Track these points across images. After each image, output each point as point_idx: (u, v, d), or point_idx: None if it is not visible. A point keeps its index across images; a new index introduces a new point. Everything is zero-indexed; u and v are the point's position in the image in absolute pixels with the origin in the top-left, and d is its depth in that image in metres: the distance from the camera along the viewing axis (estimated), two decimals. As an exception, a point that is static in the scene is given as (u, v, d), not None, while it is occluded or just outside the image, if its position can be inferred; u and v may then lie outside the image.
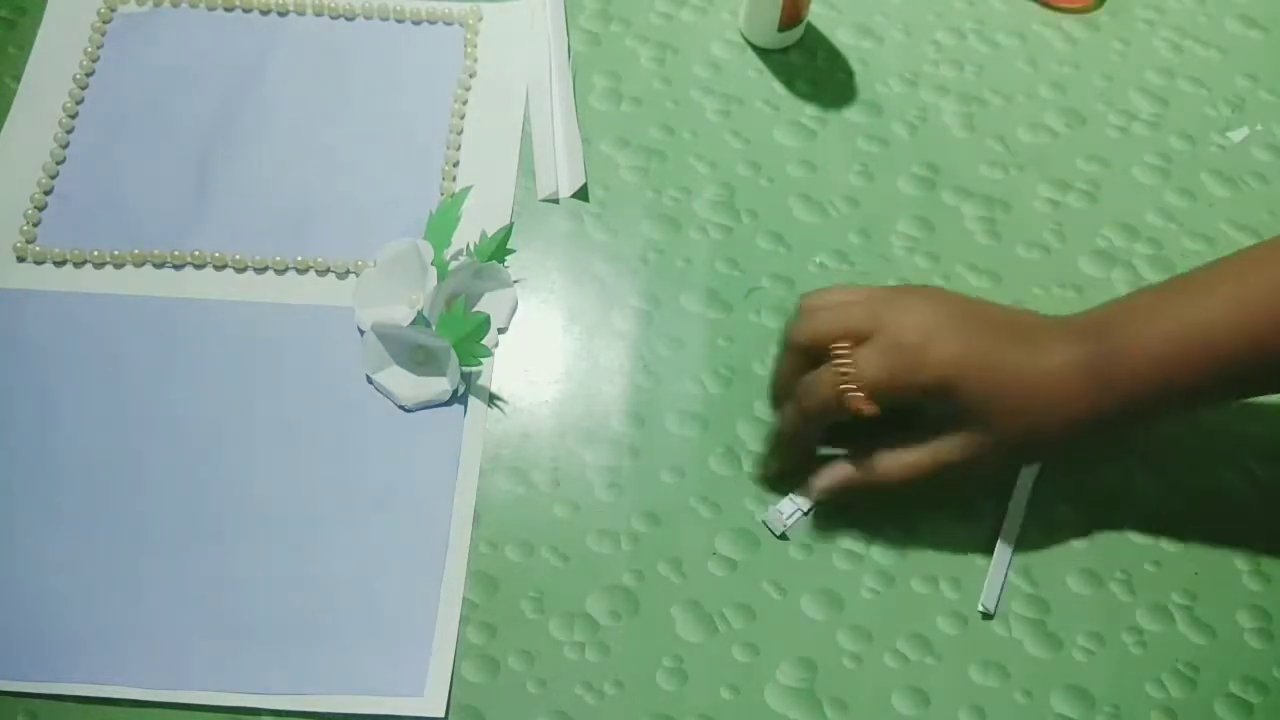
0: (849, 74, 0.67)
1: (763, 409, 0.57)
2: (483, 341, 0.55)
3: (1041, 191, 0.63)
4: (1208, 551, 0.54)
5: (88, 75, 0.64)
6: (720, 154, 0.64)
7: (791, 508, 0.54)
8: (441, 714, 0.50)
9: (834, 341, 0.50)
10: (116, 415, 0.55)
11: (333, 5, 0.67)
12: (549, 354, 0.58)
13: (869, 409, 0.49)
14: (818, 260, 0.61)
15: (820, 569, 0.54)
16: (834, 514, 0.55)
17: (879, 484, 0.52)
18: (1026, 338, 0.50)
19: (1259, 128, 0.66)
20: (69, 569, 0.52)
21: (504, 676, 0.51)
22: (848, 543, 0.54)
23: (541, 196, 0.62)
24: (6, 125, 0.63)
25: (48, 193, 0.61)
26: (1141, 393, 0.49)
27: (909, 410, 0.51)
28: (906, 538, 0.54)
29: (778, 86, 0.66)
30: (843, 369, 0.50)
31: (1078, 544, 0.54)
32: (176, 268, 0.59)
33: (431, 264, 0.56)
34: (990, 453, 0.51)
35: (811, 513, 0.54)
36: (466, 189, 0.59)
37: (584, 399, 0.57)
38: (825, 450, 0.54)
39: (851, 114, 0.65)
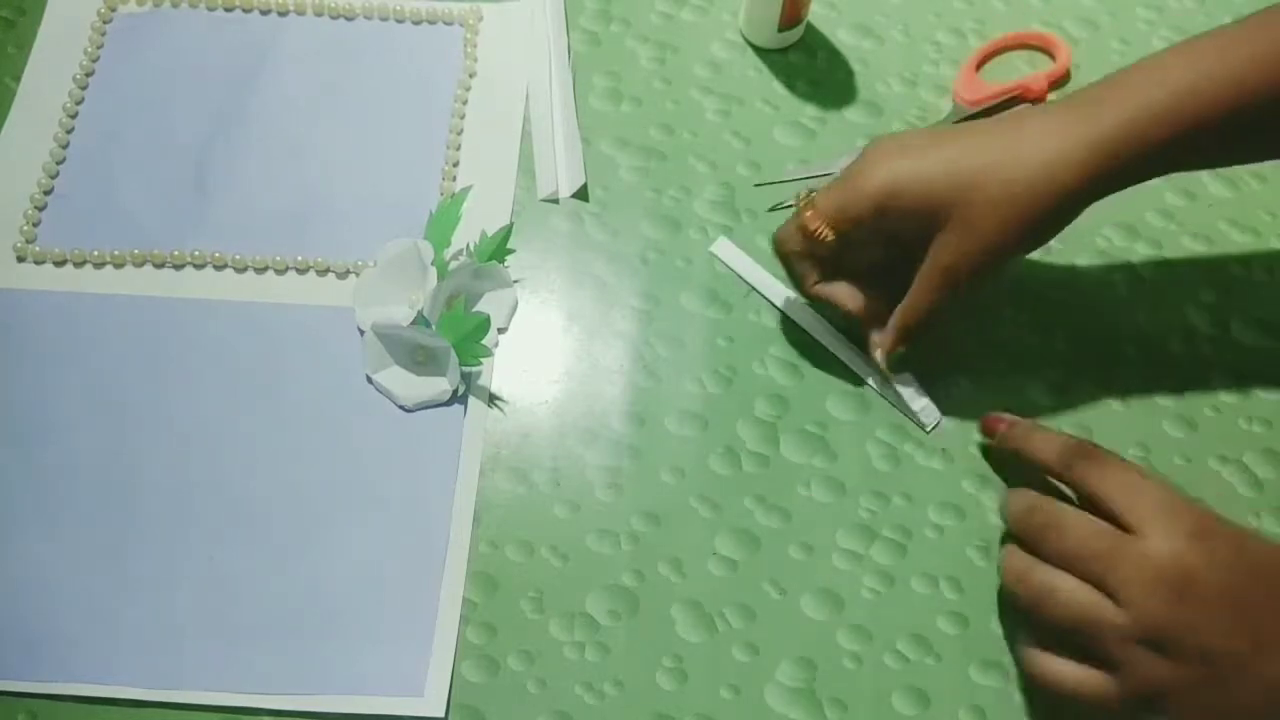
0: (849, 74, 0.67)
1: (763, 408, 0.57)
2: (483, 341, 0.55)
3: (1041, 191, 0.63)
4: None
5: (88, 75, 0.64)
6: (720, 154, 0.64)
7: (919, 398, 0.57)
8: (441, 714, 0.50)
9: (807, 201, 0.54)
10: (116, 415, 0.55)
11: (333, 5, 0.67)
12: (549, 354, 0.58)
13: (823, 231, 0.53)
14: (818, 260, 0.61)
15: (820, 569, 0.54)
16: (834, 514, 0.55)
17: (912, 318, 0.54)
18: (996, 128, 0.52)
19: (1259, 128, 0.66)
20: (68, 569, 0.52)
21: (504, 676, 0.51)
22: (848, 543, 0.54)
23: (541, 196, 0.62)
24: (6, 125, 0.63)
25: (48, 193, 0.61)
26: (1134, 135, 0.49)
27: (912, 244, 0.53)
28: (906, 538, 0.54)
29: (778, 86, 0.66)
30: (803, 207, 0.54)
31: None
32: (176, 268, 0.59)
33: (431, 264, 0.56)
34: (981, 246, 0.51)
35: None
36: (466, 189, 0.59)
37: (584, 399, 0.57)
38: None
39: (851, 114, 0.65)
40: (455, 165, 0.63)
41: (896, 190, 0.51)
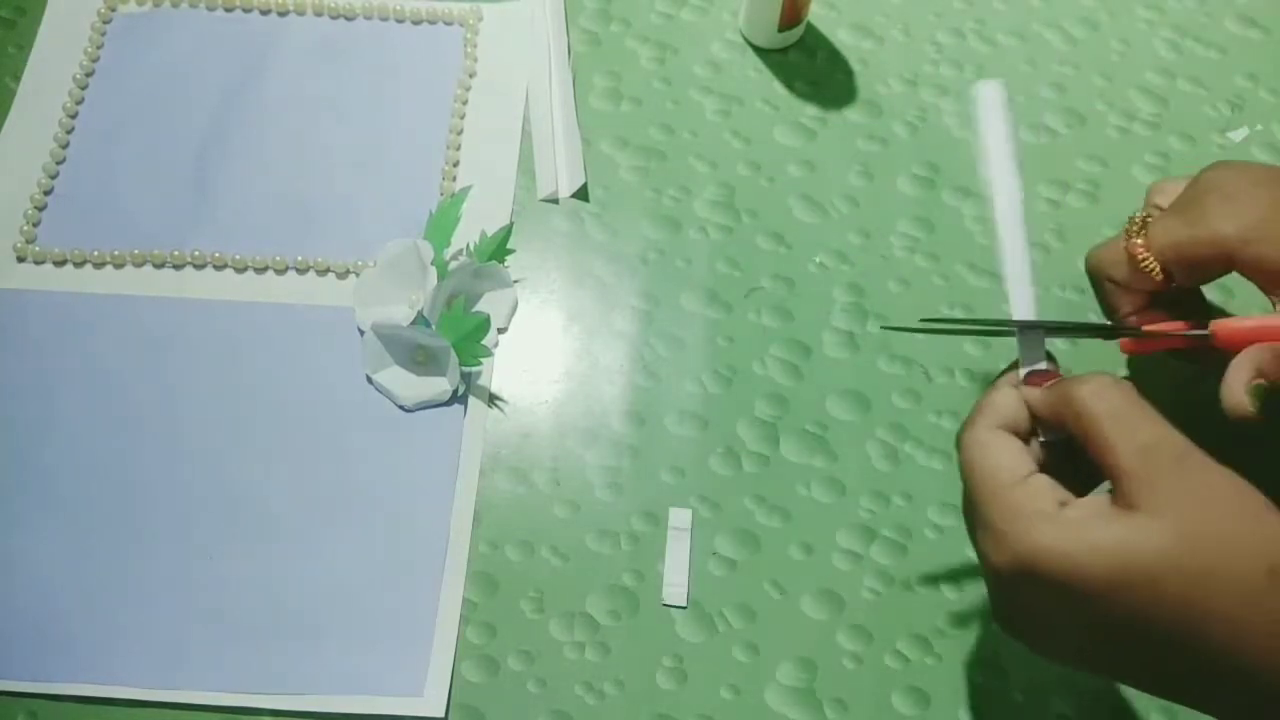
0: (849, 74, 0.67)
1: (763, 408, 0.57)
2: (483, 341, 0.55)
3: (1041, 191, 0.63)
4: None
5: (88, 75, 0.64)
6: (720, 154, 0.64)
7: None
8: (441, 714, 0.50)
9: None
10: (116, 415, 0.55)
11: (333, 5, 0.67)
12: (549, 354, 0.58)
13: (1151, 265, 0.50)
14: (818, 260, 0.61)
15: (820, 569, 0.54)
16: (834, 514, 0.55)
17: None
18: None
19: (1259, 128, 0.66)
20: (68, 569, 0.52)
21: (504, 676, 0.51)
22: (848, 543, 0.54)
23: (541, 196, 0.62)
24: (6, 125, 0.63)
25: (48, 193, 0.61)
26: None
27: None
28: (906, 538, 0.54)
29: (778, 86, 0.66)
30: (1132, 233, 0.51)
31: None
32: (176, 268, 0.59)
33: (431, 264, 0.56)
34: None
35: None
36: (466, 189, 0.59)
37: (584, 399, 0.57)
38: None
39: (851, 114, 0.65)
40: (455, 165, 0.63)
41: (1241, 246, 0.48)
